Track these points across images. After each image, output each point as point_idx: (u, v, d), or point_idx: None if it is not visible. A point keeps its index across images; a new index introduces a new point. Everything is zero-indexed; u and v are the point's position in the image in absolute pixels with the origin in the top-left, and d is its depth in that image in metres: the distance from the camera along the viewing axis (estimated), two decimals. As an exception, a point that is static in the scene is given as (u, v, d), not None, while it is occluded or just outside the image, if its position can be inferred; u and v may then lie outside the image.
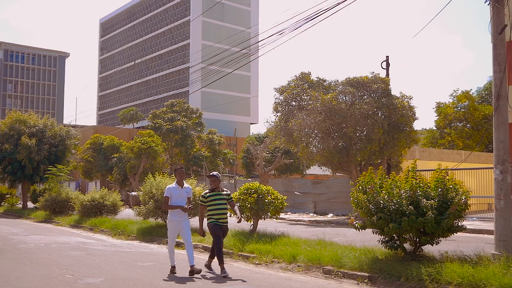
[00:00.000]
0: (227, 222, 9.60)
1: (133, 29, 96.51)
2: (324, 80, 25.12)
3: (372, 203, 9.02)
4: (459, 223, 8.90)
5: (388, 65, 23.83)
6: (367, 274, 8.53)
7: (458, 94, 42.55)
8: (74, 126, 48.16)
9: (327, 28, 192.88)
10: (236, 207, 9.83)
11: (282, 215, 23.14)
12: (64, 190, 24.82)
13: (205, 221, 9.62)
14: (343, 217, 23.62)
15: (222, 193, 9.54)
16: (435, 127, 44.64)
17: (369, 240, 10.77)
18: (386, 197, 8.88)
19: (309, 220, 22.63)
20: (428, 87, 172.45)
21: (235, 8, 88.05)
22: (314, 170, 41.73)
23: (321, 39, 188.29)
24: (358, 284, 8.43)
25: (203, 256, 11.39)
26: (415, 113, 22.63)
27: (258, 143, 41.72)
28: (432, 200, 8.64)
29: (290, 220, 23.15)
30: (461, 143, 40.55)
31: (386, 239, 9.24)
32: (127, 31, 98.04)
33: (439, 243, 9.07)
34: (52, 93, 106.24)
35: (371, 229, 9.37)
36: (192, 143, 46.98)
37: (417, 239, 9.01)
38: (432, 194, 8.79)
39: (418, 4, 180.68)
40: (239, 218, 9.48)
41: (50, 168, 26.11)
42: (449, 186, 8.82)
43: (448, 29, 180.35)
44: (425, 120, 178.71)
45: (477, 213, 21.11)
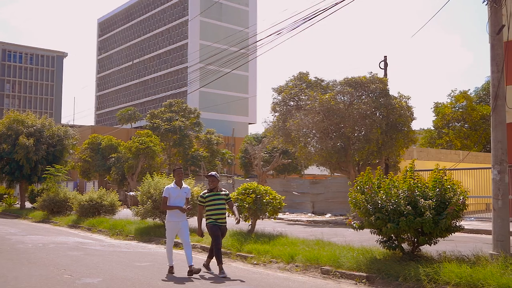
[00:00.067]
0: (226, 222, 9.59)
1: (131, 29, 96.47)
2: (322, 80, 25.14)
3: (370, 203, 9.03)
4: (457, 223, 8.90)
5: (386, 65, 23.83)
6: (365, 274, 8.53)
7: (456, 94, 42.62)
8: (72, 126, 48.12)
9: (325, 28, 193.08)
10: (235, 207, 9.82)
11: (280, 215, 23.20)
12: (62, 190, 24.78)
13: (204, 221, 9.63)
14: (341, 217, 23.64)
15: (221, 193, 9.52)
16: (433, 127, 44.68)
17: (367, 240, 10.78)
18: (384, 197, 8.89)
19: (307, 220, 22.64)
20: (426, 87, 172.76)
21: (233, 8, 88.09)
22: (312, 170, 41.70)
23: (319, 39, 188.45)
24: (356, 284, 8.44)
25: (201, 256, 11.39)
26: (413, 113, 22.64)
27: (256, 143, 41.74)
28: (430, 200, 8.65)
29: (288, 220, 23.16)
30: (459, 143, 40.61)
31: (384, 239, 9.25)
32: (125, 31, 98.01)
33: (437, 243, 9.08)
34: (50, 93, 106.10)
35: (369, 229, 9.38)
36: (190, 143, 46.96)
37: (415, 239, 9.03)
38: (430, 194, 8.80)
39: (416, 4, 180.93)
40: (238, 219, 9.47)
41: (48, 168, 26.09)
42: (447, 186, 8.83)
43: (447, 29, 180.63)
44: (423, 120, 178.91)
45: (475, 213, 21.15)
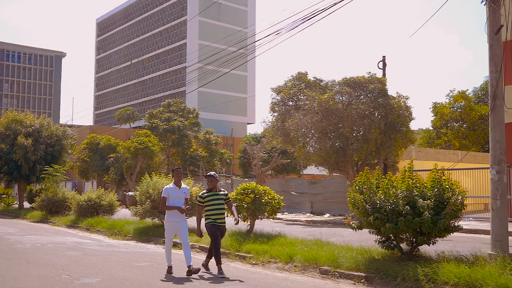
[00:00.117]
0: (225, 222, 9.57)
1: (130, 29, 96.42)
2: (321, 80, 25.14)
3: (369, 203, 9.03)
4: (456, 223, 8.91)
5: (385, 65, 23.85)
6: (364, 274, 8.53)
7: (455, 94, 42.70)
8: (71, 126, 48.06)
9: (324, 28, 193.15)
10: (234, 208, 9.81)
11: (279, 215, 23.20)
12: (61, 190, 24.76)
13: (203, 221, 9.62)
14: (340, 217, 23.64)
15: (220, 193, 9.52)
16: (432, 127, 44.77)
17: (366, 240, 10.78)
18: (383, 197, 8.89)
19: (306, 220, 22.64)
20: (425, 87, 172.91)
21: (232, 8, 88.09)
22: (311, 170, 41.69)
23: (318, 39, 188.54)
24: (355, 284, 8.44)
25: (200, 256, 11.38)
26: (412, 113, 22.67)
27: (255, 143, 41.72)
28: (429, 200, 8.65)
29: (287, 220, 23.15)
30: (458, 143, 40.68)
31: (383, 239, 9.25)
32: (124, 31, 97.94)
33: (436, 243, 9.08)
34: (49, 93, 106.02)
35: (368, 229, 9.38)
36: (189, 143, 46.93)
37: (414, 239, 9.03)
38: (429, 194, 8.80)
39: (415, 4, 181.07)
40: (237, 220, 9.46)
41: (47, 168, 26.07)
42: (446, 186, 8.84)
43: (445, 29, 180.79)
44: (422, 120, 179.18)
45: (474, 213, 21.16)
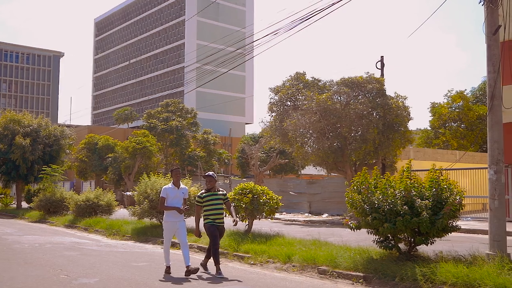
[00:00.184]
0: (224, 222, 9.56)
1: (128, 29, 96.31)
2: (319, 80, 25.15)
3: (367, 203, 9.04)
4: (454, 223, 8.92)
5: (383, 65, 23.87)
6: (362, 274, 8.54)
7: (453, 94, 42.76)
8: (69, 126, 48.02)
9: (322, 28, 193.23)
10: (232, 208, 9.80)
11: (277, 215, 23.19)
12: (59, 190, 24.73)
13: (201, 221, 9.61)
14: (338, 217, 23.65)
15: (218, 193, 9.50)
16: (430, 127, 44.84)
17: (364, 240, 10.79)
18: (381, 197, 8.90)
19: (304, 220, 22.65)
20: (423, 87, 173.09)
21: (230, 8, 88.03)
22: (309, 170, 41.76)
23: (316, 39, 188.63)
24: (353, 284, 8.45)
25: (198, 256, 11.38)
26: (410, 113, 22.69)
27: (253, 143, 41.73)
28: (427, 200, 8.66)
29: (285, 220, 23.16)
30: (456, 143, 40.73)
31: (381, 239, 9.26)
32: (122, 31, 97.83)
33: (434, 243, 9.09)
34: (47, 93, 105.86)
35: (366, 229, 9.38)
36: (187, 143, 46.92)
37: (412, 239, 9.04)
38: (427, 194, 8.81)
39: (413, 4, 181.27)
40: (236, 222, 9.44)
41: (45, 168, 26.04)
42: (444, 186, 8.84)
43: (443, 29, 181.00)
44: (420, 120, 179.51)
45: (472, 213, 21.18)
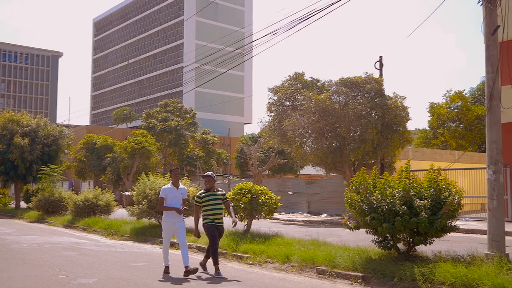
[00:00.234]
0: (223, 222, 9.55)
1: (127, 29, 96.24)
2: (318, 80, 25.17)
3: (366, 203, 9.04)
4: (452, 223, 8.92)
5: (382, 65, 23.89)
6: (361, 274, 8.54)
7: (451, 95, 42.78)
8: (67, 126, 47.99)
9: (321, 28, 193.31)
10: (231, 208, 9.79)
11: (276, 215, 23.16)
12: (57, 190, 24.70)
13: (201, 222, 9.60)
14: (337, 217, 23.66)
15: (217, 193, 9.48)
16: (428, 127, 44.84)
17: (363, 240, 10.79)
18: (380, 197, 8.90)
19: (303, 220, 22.65)
20: (422, 87, 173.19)
21: (229, 8, 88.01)
22: (308, 170, 41.77)
23: (315, 39, 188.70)
24: (352, 284, 8.45)
25: (197, 256, 11.37)
26: (409, 113, 22.71)
27: (252, 143, 41.73)
28: (425, 200, 8.66)
29: (284, 220, 23.16)
30: (454, 143, 40.76)
31: (380, 239, 9.26)
32: (121, 31, 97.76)
33: (433, 243, 9.10)
34: (45, 93, 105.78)
35: (365, 229, 9.39)
36: (186, 143, 46.91)
37: (411, 239, 9.04)
38: (425, 194, 8.81)
39: (412, 4, 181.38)
40: (235, 222, 9.43)
41: (43, 168, 26.00)
42: (442, 186, 8.85)
43: (442, 29, 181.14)
44: (419, 120, 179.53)
45: (470, 213, 21.21)
